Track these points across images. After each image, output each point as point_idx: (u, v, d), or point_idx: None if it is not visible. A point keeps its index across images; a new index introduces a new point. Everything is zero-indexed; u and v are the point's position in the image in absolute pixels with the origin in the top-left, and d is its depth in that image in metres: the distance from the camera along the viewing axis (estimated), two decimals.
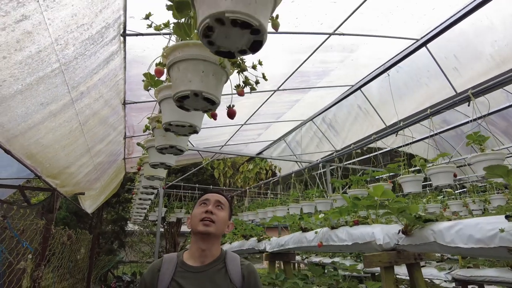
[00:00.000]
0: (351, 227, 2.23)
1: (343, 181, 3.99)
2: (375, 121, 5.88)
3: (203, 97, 1.07)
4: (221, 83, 1.12)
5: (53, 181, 4.07)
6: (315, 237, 2.59)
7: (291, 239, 2.97)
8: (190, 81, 1.06)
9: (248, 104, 5.37)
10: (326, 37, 3.70)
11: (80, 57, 2.36)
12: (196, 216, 1.55)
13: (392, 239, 2.00)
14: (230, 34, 0.74)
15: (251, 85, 1.18)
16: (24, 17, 1.71)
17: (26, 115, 2.45)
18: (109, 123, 4.09)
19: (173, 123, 1.35)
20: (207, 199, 1.60)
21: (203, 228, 1.51)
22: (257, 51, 0.80)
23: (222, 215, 1.58)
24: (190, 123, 1.36)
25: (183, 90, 1.06)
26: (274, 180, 6.78)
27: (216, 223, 1.54)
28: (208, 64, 1.07)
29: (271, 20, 0.90)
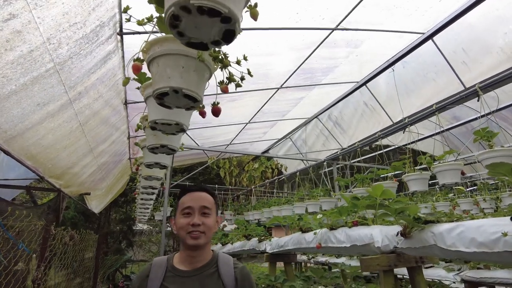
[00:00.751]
0: (349, 228, 2.14)
1: (347, 179, 3.90)
2: (382, 118, 5.75)
3: (184, 94, 1.02)
4: (203, 79, 1.07)
5: (57, 182, 4.08)
6: (313, 238, 2.51)
7: (290, 240, 2.90)
8: (169, 77, 1.01)
9: (252, 103, 5.32)
10: (329, 32, 3.62)
11: (75, 56, 2.33)
12: (182, 228, 1.43)
13: (392, 241, 1.91)
14: (199, 23, 0.69)
15: (236, 82, 1.12)
16: (12, 15, 1.68)
17: (22, 116, 2.43)
18: (111, 123, 4.07)
19: (158, 121, 1.30)
20: (191, 207, 1.44)
21: (192, 241, 1.42)
22: (230, 41, 0.74)
23: (210, 222, 1.46)
24: (176, 121, 1.31)
25: (162, 87, 1.01)
26: (280, 179, 6.71)
27: (206, 232, 1.44)
28: (188, 60, 1.01)
29: (249, 9, 0.84)
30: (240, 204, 7.82)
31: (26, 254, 2.84)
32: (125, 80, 1.13)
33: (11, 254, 2.36)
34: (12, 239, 2.40)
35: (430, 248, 1.66)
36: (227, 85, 1.10)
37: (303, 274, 3.24)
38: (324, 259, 5.34)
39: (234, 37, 0.72)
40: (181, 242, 1.51)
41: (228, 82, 1.10)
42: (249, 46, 3.64)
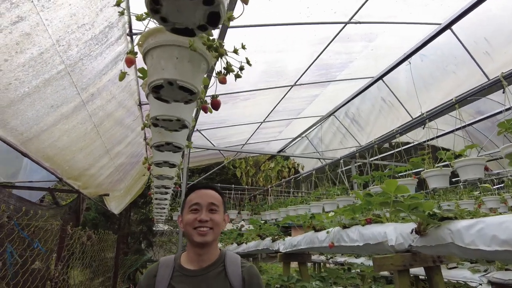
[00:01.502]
0: (363, 227, 2.04)
1: (365, 177, 3.79)
2: (401, 114, 5.58)
3: (179, 86, 0.98)
4: (199, 70, 1.03)
5: (75, 183, 4.16)
6: (326, 237, 2.43)
7: (303, 239, 2.83)
8: (163, 69, 0.98)
9: (266, 101, 5.27)
10: (342, 26, 3.53)
11: (86, 58, 2.35)
12: (190, 223, 1.41)
13: (406, 240, 1.80)
14: (181, 7, 0.65)
15: (235, 72, 1.08)
16: (20, 18, 1.70)
17: (37, 118, 2.48)
18: (125, 125, 4.12)
19: (159, 117, 1.28)
20: (198, 204, 1.42)
21: (200, 238, 1.39)
22: (216, 25, 0.70)
23: (218, 218, 1.44)
24: (177, 117, 1.28)
25: (156, 79, 0.98)
26: (296, 178, 6.63)
27: (214, 228, 1.41)
28: (182, 50, 0.98)
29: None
30: (257, 204, 7.79)
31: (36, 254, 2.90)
32: (121, 75, 1.11)
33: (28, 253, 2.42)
34: (28, 238, 2.46)
35: (447, 246, 1.54)
36: (225, 76, 1.06)
37: (319, 274, 3.15)
38: (343, 259, 5.22)
39: (220, 21, 0.68)
40: (187, 240, 1.48)
41: (226, 72, 1.06)
42: (260, 44, 3.60)
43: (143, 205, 10.72)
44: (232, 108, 5.14)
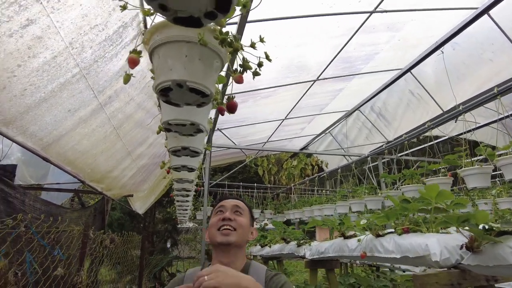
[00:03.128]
0: (399, 236, 1.84)
1: (394, 176, 3.56)
2: (430, 107, 5.26)
3: (189, 88, 0.86)
4: (212, 69, 0.90)
5: (98, 185, 4.18)
6: (357, 245, 2.24)
7: (331, 246, 2.65)
8: (171, 69, 0.86)
9: (287, 98, 5.11)
10: (367, 16, 3.31)
11: (100, 60, 2.29)
12: (213, 225, 1.37)
13: (453, 254, 1.58)
14: None
15: (252, 69, 0.94)
16: (30, 21, 1.64)
17: (55, 123, 2.45)
18: (146, 126, 4.08)
19: (172, 122, 1.17)
20: (223, 206, 1.42)
21: (222, 238, 1.32)
22: (227, 11, 0.57)
23: (243, 220, 1.40)
24: (191, 121, 1.16)
25: (163, 81, 0.86)
26: (320, 176, 6.43)
27: (237, 229, 1.35)
28: (192, 46, 0.86)
29: None
30: (280, 202, 7.64)
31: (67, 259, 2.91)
32: (125, 77, 1.00)
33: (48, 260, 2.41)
34: (47, 246, 2.45)
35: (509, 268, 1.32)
36: (241, 74, 0.93)
37: (348, 281, 2.96)
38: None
39: (230, 4, 0.55)
40: (213, 247, 1.42)
41: (242, 70, 0.93)
42: (280, 38, 3.45)
43: (167, 204, 10.83)
44: (253, 106, 5.01)
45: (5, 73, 1.74)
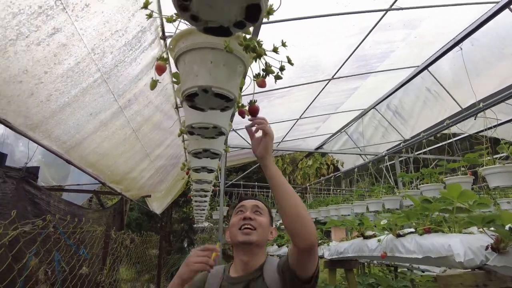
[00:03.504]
0: (420, 236, 1.82)
1: (412, 175, 3.51)
2: (448, 104, 5.16)
3: (214, 93, 0.88)
4: (235, 74, 0.93)
5: (117, 187, 4.28)
6: (377, 246, 2.23)
7: (350, 246, 2.64)
8: (196, 76, 0.88)
9: (302, 97, 5.10)
10: (382, 14, 3.28)
11: (120, 64, 2.35)
12: (234, 225, 1.42)
13: (478, 255, 1.55)
14: (214, 1, 0.54)
15: (274, 73, 0.96)
16: (56, 30, 1.70)
17: (78, 126, 2.53)
18: (163, 128, 4.16)
19: (195, 125, 1.20)
20: (243, 206, 1.47)
21: (243, 237, 1.37)
22: (256, 20, 0.59)
23: (263, 220, 1.43)
24: (214, 124, 1.19)
25: (189, 87, 0.89)
26: (336, 175, 6.39)
27: (258, 229, 1.39)
28: (217, 53, 0.88)
29: None
30: None
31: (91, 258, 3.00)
32: (152, 83, 1.04)
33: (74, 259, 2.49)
34: (73, 246, 2.53)
35: None
36: (264, 78, 0.95)
37: (366, 281, 2.94)
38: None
39: (259, 14, 0.57)
40: (234, 246, 1.46)
41: (264, 74, 0.95)
42: (295, 38, 3.45)
43: (183, 203, 10.97)
44: (268, 107, 5.02)
45: (33, 80, 1.81)
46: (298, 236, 1.12)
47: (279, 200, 1.15)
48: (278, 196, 1.16)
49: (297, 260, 1.19)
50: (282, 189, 1.16)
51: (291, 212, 1.13)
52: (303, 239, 1.11)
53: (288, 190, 1.16)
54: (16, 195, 2.62)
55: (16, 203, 2.60)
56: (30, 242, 2.13)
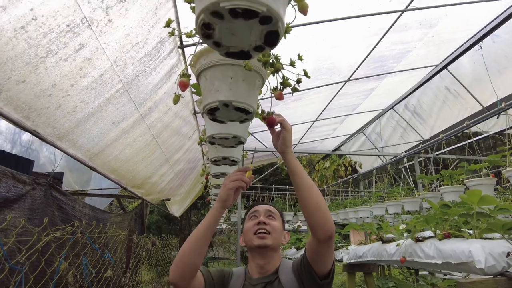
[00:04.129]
0: (440, 241, 1.80)
1: (432, 176, 3.46)
2: (468, 103, 5.04)
3: (234, 107, 0.93)
4: (254, 88, 0.96)
5: (138, 191, 4.39)
6: (396, 250, 2.21)
7: (369, 250, 2.63)
8: (217, 91, 0.93)
9: (318, 100, 5.10)
10: (398, 15, 3.25)
11: (141, 74, 2.43)
12: (249, 230, 1.46)
13: (499, 261, 1.52)
14: (235, 29, 0.58)
15: (291, 86, 0.99)
16: (82, 45, 1.79)
17: (101, 135, 2.63)
18: (182, 133, 4.25)
19: (215, 136, 1.25)
20: (256, 211, 1.52)
21: (259, 241, 1.41)
22: (275, 45, 0.62)
23: (276, 224, 1.48)
24: (234, 134, 1.23)
25: (210, 102, 0.94)
26: (353, 177, 6.34)
27: (272, 233, 1.43)
28: (237, 69, 0.92)
29: (297, 2, 0.71)
30: None
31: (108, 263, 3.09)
32: (175, 98, 1.09)
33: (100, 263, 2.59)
34: (98, 250, 2.63)
35: None
36: (281, 91, 0.99)
37: (386, 284, 2.91)
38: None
39: (278, 40, 0.61)
40: (248, 251, 1.50)
41: (282, 87, 0.98)
42: (310, 42, 3.47)
43: (202, 206, 11.10)
44: (283, 110, 5.05)
45: (61, 93, 1.91)
46: (319, 227, 1.17)
47: (301, 192, 1.20)
48: (300, 188, 1.21)
49: (316, 253, 1.24)
50: (303, 182, 1.21)
51: (312, 204, 1.18)
52: (323, 230, 1.16)
53: (309, 183, 1.21)
54: (45, 201, 2.75)
55: (45, 209, 2.72)
56: (60, 247, 2.23)
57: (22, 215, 2.43)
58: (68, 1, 1.50)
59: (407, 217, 4.18)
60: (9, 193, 2.39)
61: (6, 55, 1.50)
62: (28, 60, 1.60)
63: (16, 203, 2.43)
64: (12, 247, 2.10)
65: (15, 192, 2.43)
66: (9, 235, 2.12)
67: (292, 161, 1.25)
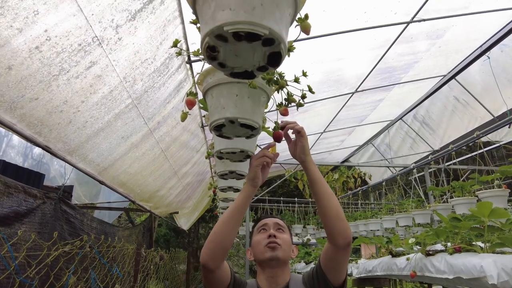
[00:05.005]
0: (451, 255, 1.76)
1: (443, 188, 3.40)
2: (479, 112, 4.98)
3: (240, 124, 0.94)
4: (259, 104, 0.98)
5: (147, 204, 4.42)
6: (406, 264, 2.17)
7: (379, 264, 2.58)
8: (223, 108, 0.94)
9: (325, 111, 5.11)
10: (403, 27, 3.27)
11: (150, 89, 2.48)
12: (259, 243, 1.45)
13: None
14: (239, 51, 0.60)
15: (296, 102, 1.00)
16: (92, 63, 1.84)
17: (110, 149, 2.67)
18: (190, 147, 4.28)
19: (223, 150, 1.26)
20: (265, 224, 1.50)
21: (270, 253, 1.40)
22: (278, 65, 0.64)
23: (286, 237, 1.47)
24: (241, 149, 1.25)
25: (217, 119, 0.95)
26: (363, 189, 6.27)
27: (282, 246, 1.42)
28: (242, 86, 0.94)
29: (299, 22, 0.73)
30: None
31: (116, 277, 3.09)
32: (182, 115, 1.11)
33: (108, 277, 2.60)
34: (107, 264, 2.64)
35: None
36: (286, 107, 1.00)
37: None
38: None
39: (281, 60, 0.62)
40: (257, 265, 1.49)
41: (287, 103, 1.00)
42: (317, 54, 3.50)
43: (210, 219, 11.07)
44: None
45: (72, 109, 1.95)
46: (339, 234, 1.17)
47: (322, 200, 1.22)
48: (321, 196, 1.22)
49: (333, 261, 1.24)
50: (324, 190, 1.22)
51: (333, 212, 1.19)
52: (342, 237, 1.17)
53: (329, 191, 1.23)
54: (54, 215, 2.78)
55: (54, 223, 2.75)
56: (69, 261, 2.25)
57: (32, 229, 2.46)
58: (80, 21, 1.55)
59: (418, 230, 4.10)
60: (20, 207, 2.43)
61: (21, 74, 1.55)
62: (41, 78, 1.65)
63: (27, 217, 2.47)
64: (22, 261, 2.12)
65: (26, 206, 2.47)
66: (19, 249, 2.15)
67: (313, 169, 1.25)
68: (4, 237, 1.90)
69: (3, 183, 2.23)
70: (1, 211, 2.16)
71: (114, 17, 1.70)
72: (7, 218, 2.21)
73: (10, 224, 2.23)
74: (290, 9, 0.61)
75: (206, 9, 0.59)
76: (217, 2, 0.56)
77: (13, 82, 1.56)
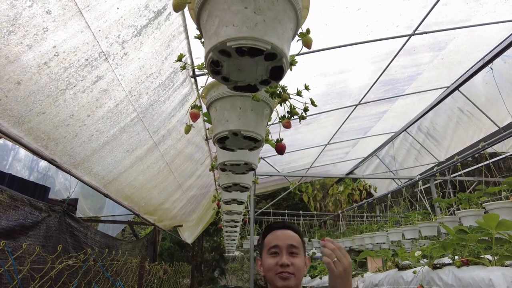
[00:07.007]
0: (459, 268, 1.72)
1: (449, 200, 3.36)
2: (483, 124, 4.97)
3: (243, 136, 0.95)
4: (262, 117, 0.99)
5: (151, 217, 4.41)
6: (413, 278, 2.13)
7: (385, 278, 2.53)
8: (227, 121, 0.96)
9: (329, 123, 5.12)
10: (406, 39, 3.30)
11: (155, 103, 2.51)
12: (271, 269, 1.36)
13: None
14: (242, 65, 0.61)
15: (299, 114, 1.02)
16: (99, 77, 1.88)
17: (115, 163, 2.69)
18: (195, 159, 4.29)
19: (227, 162, 1.27)
20: (277, 246, 1.37)
21: (282, 283, 1.33)
22: (280, 78, 0.65)
23: (299, 262, 1.37)
24: (245, 161, 1.26)
25: (220, 132, 0.97)
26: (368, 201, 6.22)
27: (296, 274, 1.35)
28: (245, 99, 0.96)
29: (301, 37, 0.74)
30: (328, 230, 7.42)
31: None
32: (186, 128, 1.12)
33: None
34: (110, 278, 2.62)
35: None
36: (289, 120, 1.01)
37: None
38: None
39: (283, 74, 0.63)
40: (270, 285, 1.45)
41: (289, 116, 1.01)
42: (320, 67, 3.53)
43: (214, 232, 10.99)
44: (295, 134, 5.07)
45: (78, 123, 1.98)
46: None
47: None
48: None
49: None
50: None
51: None
52: None
53: None
54: (59, 228, 2.78)
55: (59, 236, 2.75)
56: (72, 275, 2.24)
57: (37, 242, 2.46)
58: (87, 37, 1.59)
59: (425, 242, 4.04)
60: (25, 220, 2.44)
61: (29, 89, 1.58)
62: (49, 93, 1.68)
63: (32, 230, 2.47)
64: (26, 274, 2.12)
65: (32, 219, 2.48)
66: (24, 262, 2.15)
67: None
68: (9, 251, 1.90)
69: (9, 197, 2.24)
70: (8, 224, 2.17)
71: (121, 32, 1.74)
72: (13, 231, 2.22)
73: (16, 237, 2.24)
74: (292, 24, 0.63)
75: (210, 25, 0.61)
76: (221, 18, 0.58)
77: (22, 96, 1.59)
